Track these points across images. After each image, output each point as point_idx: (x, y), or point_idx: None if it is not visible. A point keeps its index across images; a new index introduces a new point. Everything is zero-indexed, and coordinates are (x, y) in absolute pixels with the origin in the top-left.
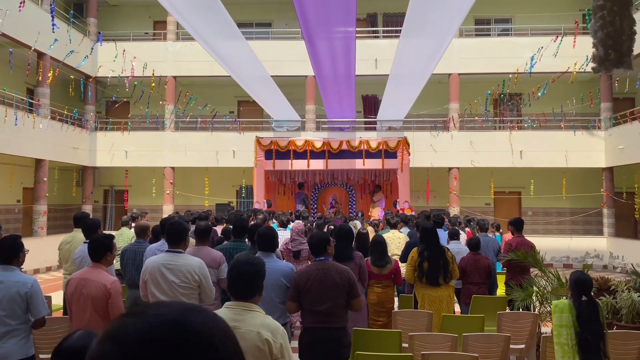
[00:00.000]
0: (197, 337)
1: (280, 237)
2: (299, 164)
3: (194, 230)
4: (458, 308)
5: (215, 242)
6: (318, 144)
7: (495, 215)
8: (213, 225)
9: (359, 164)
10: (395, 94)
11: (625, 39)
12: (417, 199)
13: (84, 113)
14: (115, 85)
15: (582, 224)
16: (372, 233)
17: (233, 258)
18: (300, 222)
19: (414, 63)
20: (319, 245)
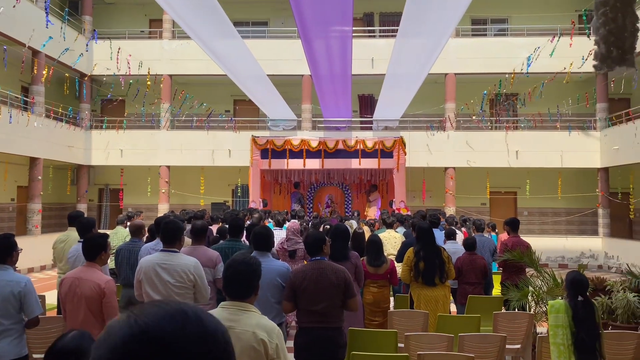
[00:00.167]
0: (168, 345)
1: (276, 236)
2: (295, 163)
3: (190, 230)
4: (454, 308)
5: (211, 241)
6: (314, 144)
7: (491, 215)
8: (209, 225)
9: (355, 164)
10: (392, 94)
11: (628, 36)
12: (413, 199)
13: (79, 111)
14: (111, 84)
15: (577, 224)
16: (368, 233)
17: (229, 257)
18: (296, 221)
19: (411, 63)
20: (315, 245)
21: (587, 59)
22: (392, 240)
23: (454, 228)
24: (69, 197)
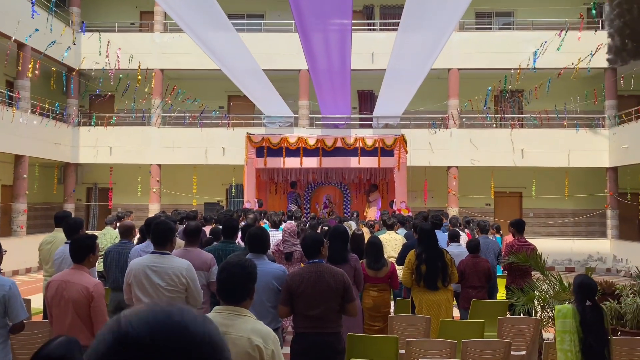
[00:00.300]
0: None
1: (272, 238)
2: (292, 162)
3: (184, 231)
4: (457, 313)
5: (204, 243)
6: (311, 141)
7: (496, 217)
8: (202, 226)
9: (354, 162)
10: (393, 90)
11: None
12: (414, 199)
13: (67, 107)
14: (100, 78)
15: (585, 226)
16: (367, 234)
17: (222, 260)
18: (293, 222)
19: (412, 57)
20: (313, 247)
21: (595, 54)
22: (392, 242)
23: (458, 230)
24: (56, 196)
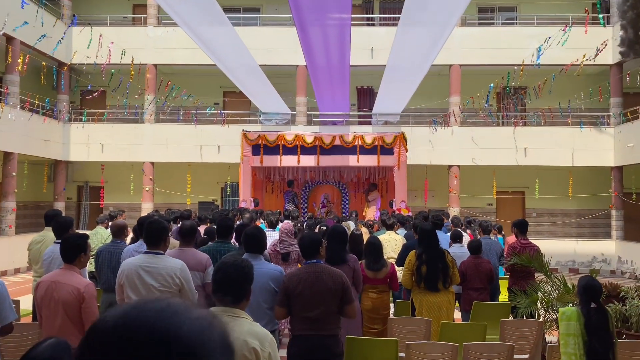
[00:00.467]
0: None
1: (268, 238)
2: (289, 160)
3: (179, 230)
4: (458, 315)
5: (199, 243)
6: (309, 139)
7: (498, 217)
8: (196, 225)
9: (353, 161)
10: (392, 86)
11: None
12: (414, 199)
13: (57, 103)
14: (91, 73)
15: (589, 227)
16: (366, 234)
17: (217, 260)
18: (290, 222)
19: (413, 53)
20: (311, 247)
21: (601, 50)
22: (392, 243)
23: (460, 230)
24: (46, 195)
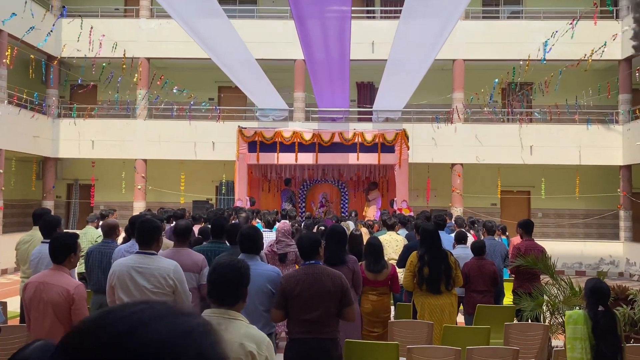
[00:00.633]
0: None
1: (265, 238)
2: (286, 158)
3: (173, 230)
4: (461, 318)
5: (193, 243)
6: (307, 136)
7: (502, 217)
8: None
9: (353, 159)
10: (394, 82)
11: None
12: (416, 198)
13: (46, 97)
14: (81, 67)
15: (596, 227)
16: (366, 235)
17: (212, 261)
18: (287, 222)
19: (415, 47)
20: (310, 248)
21: (609, 45)
22: (393, 244)
23: (464, 230)
24: (34, 193)
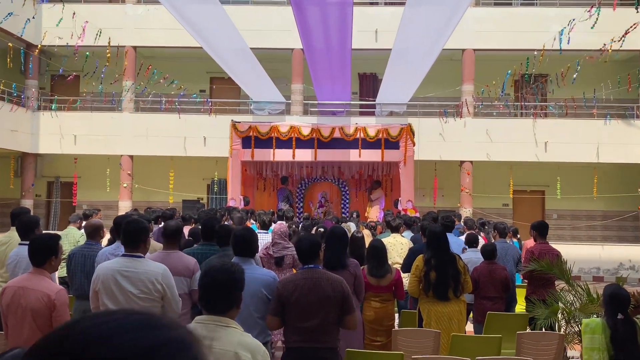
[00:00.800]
0: None
1: (260, 240)
2: (283, 154)
3: (162, 232)
4: (470, 327)
5: (183, 245)
6: (305, 131)
7: (514, 218)
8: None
9: (354, 155)
10: (399, 73)
11: None
12: (422, 198)
13: (25, 89)
14: (63, 56)
15: (615, 230)
16: (368, 237)
17: (202, 264)
18: (284, 223)
19: (422, 36)
20: (311, 251)
21: (629, 34)
22: (397, 247)
23: (475, 233)
24: (12, 191)
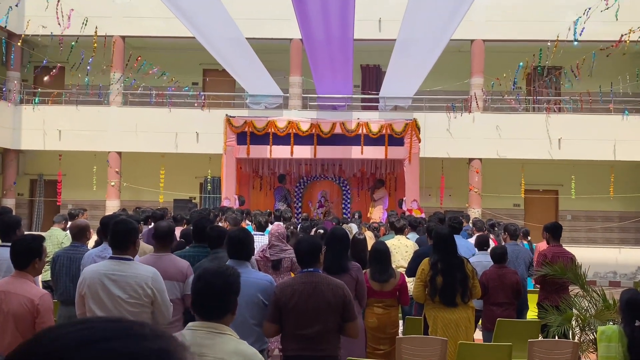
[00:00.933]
0: None
1: (256, 242)
2: (280, 151)
3: (154, 233)
4: (479, 334)
5: (174, 247)
6: (304, 126)
7: (526, 220)
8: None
9: (356, 152)
10: (403, 65)
11: None
12: (428, 198)
13: (6, 81)
14: (47, 47)
15: (633, 232)
16: (371, 239)
17: (196, 267)
18: (281, 224)
19: (428, 25)
20: (311, 253)
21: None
22: (402, 249)
23: (486, 235)
24: None
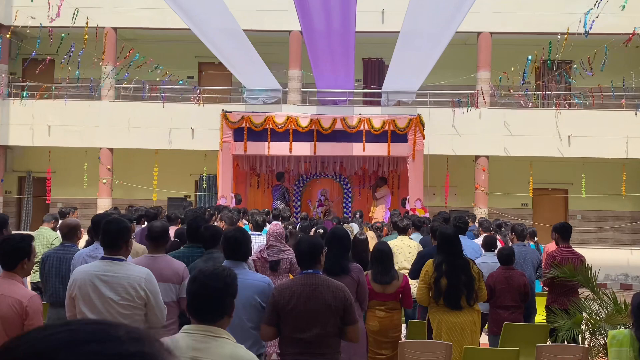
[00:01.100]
0: None
1: (254, 242)
2: (279, 148)
3: (148, 233)
4: (485, 339)
5: (169, 247)
6: (304, 122)
7: (534, 219)
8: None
9: (358, 149)
10: (407, 58)
11: None
12: (432, 197)
13: None
14: (37, 38)
15: None
16: (373, 240)
17: (190, 268)
18: (280, 223)
19: (433, 17)
20: (312, 254)
21: None
22: (405, 250)
23: (493, 235)
24: None
